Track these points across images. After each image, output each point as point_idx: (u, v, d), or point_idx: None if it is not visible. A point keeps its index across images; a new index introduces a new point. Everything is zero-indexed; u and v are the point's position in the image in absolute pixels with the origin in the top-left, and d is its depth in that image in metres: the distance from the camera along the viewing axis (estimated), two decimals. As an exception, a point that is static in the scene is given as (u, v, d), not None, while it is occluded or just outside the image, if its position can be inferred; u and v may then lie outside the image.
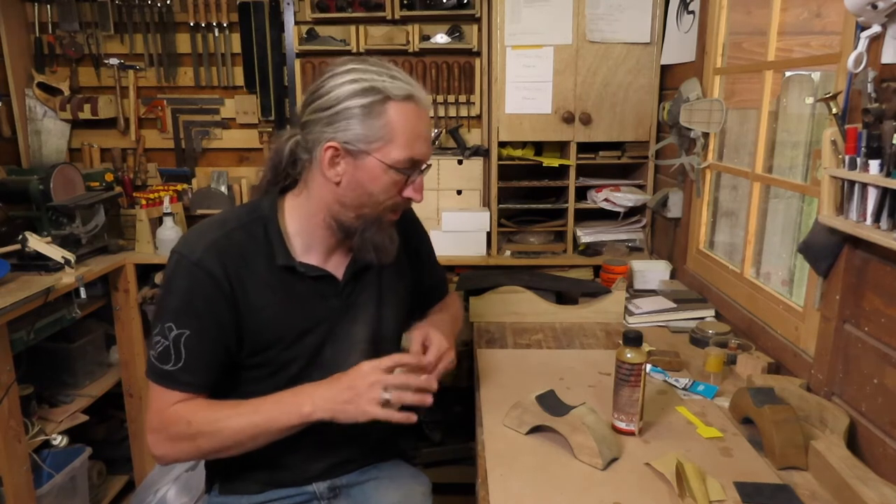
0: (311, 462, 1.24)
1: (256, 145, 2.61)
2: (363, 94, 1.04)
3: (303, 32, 2.46)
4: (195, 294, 1.07)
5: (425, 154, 1.11)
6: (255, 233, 1.13)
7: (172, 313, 1.07)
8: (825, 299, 1.23)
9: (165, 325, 1.06)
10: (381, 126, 1.04)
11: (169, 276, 1.10)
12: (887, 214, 0.98)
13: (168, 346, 1.06)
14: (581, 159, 2.25)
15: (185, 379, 1.07)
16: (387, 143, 1.05)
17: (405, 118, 1.06)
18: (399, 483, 1.30)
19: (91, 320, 2.31)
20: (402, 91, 1.05)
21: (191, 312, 1.07)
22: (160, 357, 1.07)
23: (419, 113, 1.08)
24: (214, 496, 1.27)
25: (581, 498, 0.98)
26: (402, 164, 1.07)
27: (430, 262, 1.43)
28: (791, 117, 1.80)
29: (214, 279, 1.07)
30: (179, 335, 1.05)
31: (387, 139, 1.05)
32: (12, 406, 1.71)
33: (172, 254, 1.10)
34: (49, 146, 2.59)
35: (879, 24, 1.03)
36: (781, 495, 0.98)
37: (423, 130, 1.10)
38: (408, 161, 1.08)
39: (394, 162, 1.06)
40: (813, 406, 1.16)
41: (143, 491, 1.79)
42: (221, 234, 1.10)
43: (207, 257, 1.07)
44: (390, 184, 1.08)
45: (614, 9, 2.13)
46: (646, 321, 1.75)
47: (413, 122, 1.07)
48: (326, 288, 1.18)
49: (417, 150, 1.08)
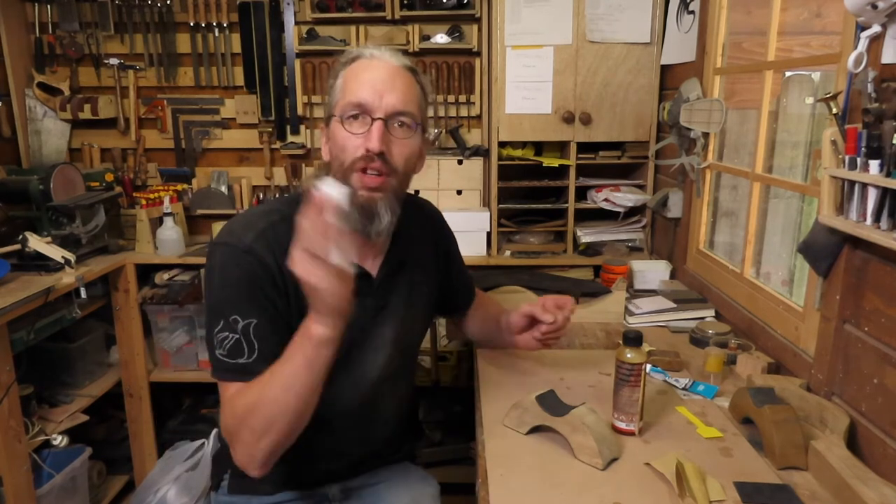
0: (324, 464, 1.24)
1: (256, 145, 2.61)
2: (334, 74, 1.12)
3: (303, 32, 2.46)
4: (252, 281, 1.03)
5: (370, 97, 1.05)
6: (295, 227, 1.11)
7: (234, 304, 1.01)
8: (825, 299, 1.23)
9: (230, 318, 1.01)
10: (336, 91, 1.10)
11: (219, 267, 1.05)
12: (887, 214, 0.98)
13: (239, 340, 1.01)
14: (581, 159, 2.25)
15: (260, 369, 1.00)
16: (339, 101, 1.08)
17: (353, 73, 1.09)
18: (409, 485, 1.31)
19: (91, 320, 2.31)
20: (354, 54, 1.11)
21: (254, 300, 1.02)
22: (231, 352, 1.01)
23: (367, 65, 1.09)
24: (222, 495, 1.26)
25: (581, 498, 0.98)
26: (348, 110, 1.06)
27: (458, 263, 1.43)
28: (791, 117, 1.80)
29: (266, 267, 1.04)
30: (248, 325, 1.01)
31: (339, 98, 1.09)
32: (12, 406, 1.71)
33: (216, 245, 1.06)
34: (49, 146, 2.58)
35: (879, 24, 1.03)
36: (781, 495, 0.98)
37: (369, 77, 1.07)
38: (350, 105, 1.06)
39: (341, 111, 1.07)
40: (813, 406, 1.16)
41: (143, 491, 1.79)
42: (267, 225, 1.07)
43: (258, 246, 1.04)
44: (346, 137, 1.06)
45: (614, 9, 2.13)
46: (646, 321, 1.75)
47: (359, 73, 1.09)
48: (363, 286, 1.14)
49: (360, 94, 1.06)
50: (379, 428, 1.26)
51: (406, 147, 1.09)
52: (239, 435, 0.98)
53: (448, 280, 1.37)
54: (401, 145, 1.08)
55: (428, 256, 1.30)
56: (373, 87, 1.06)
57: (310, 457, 1.21)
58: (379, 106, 1.05)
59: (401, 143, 1.08)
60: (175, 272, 2.35)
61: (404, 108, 1.07)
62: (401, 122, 1.07)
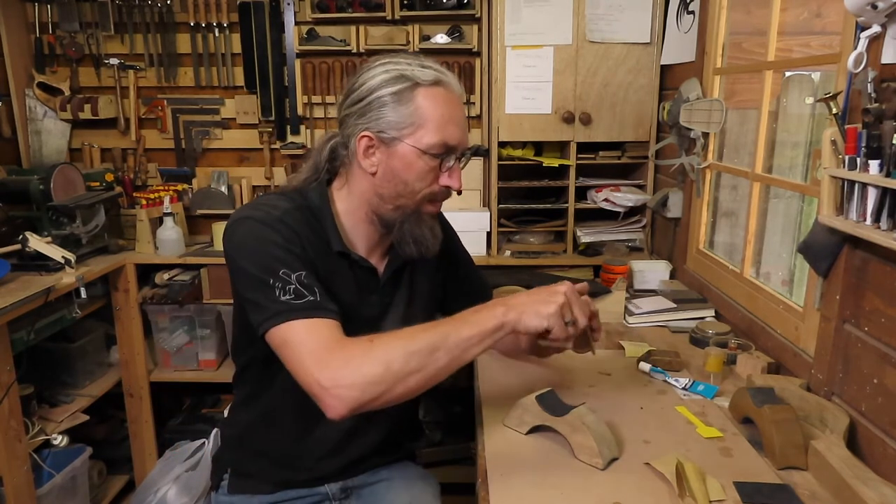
0: (324, 462, 1.24)
1: (257, 145, 2.61)
2: (392, 82, 1.05)
3: (303, 32, 2.46)
4: (292, 241, 1.04)
5: (459, 139, 1.08)
6: (307, 218, 1.11)
7: (280, 261, 1.01)
8: (825, 299, 1.23)
9: (280, 273, 0.99)
10: (411, 112, 1.05)
11: (253, 236, 1.04)
12: (887, 214, 0.98)
13: (297, 287, 0.99)
14: (581, 159, 2.25)
15: (331, 307, 0.99)
16: (418, 129, 1.05)
17: (434, 102, 1.06)
18: (409, 484, 1.31)
19: (91, 320, 2.31)
20: (431, 77, 1.06)
21: (297, 257, 1.03)
22: (297, 295, 0.98)
23: (449, 97, 1.08)
24: (222, 495, 1.26)
25: (581, 498, 0.98)
26: (435, 149, 1.06)
27: (466, 265, 1.41)
28: (791, 117, 1.80)
29: (297, 235, 1.06)
30: (300, 276, 1.00)
31: (418, 124, 1.05)
32: (13, 406, 1.71)
33: (241, 220, 1.06)
34: (49, 146, 2.59)
35: (879, 24, 1.03)
36: (781, 495, 0.98)
37: (455, 115, 1.08)
38: (440, 145, 1.06)
39: (426, 147, 1.06)
40: (813, 406, 1.16)
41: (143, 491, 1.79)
42: (287, 209, 1.09)
43: (291, 218, 1.07)
44: (425, 170, 1.08)
45: (614, 9, 2.14)
46: (646, 321, 1.75)
47: (443, 105, 1.07)
48: (370, 282, 1.18)
49: (449, 134, 1.07)
50: (378, 424, 1.27)
51: None
52: (350, 357, 0.92)
53: (455, 281, 1.37)
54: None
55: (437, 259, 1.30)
56: (460, 127, 1.09)
57: (308, 456, 1.22)
58: (462, 146, 1.10)
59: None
60: (175, 272, 2.35)
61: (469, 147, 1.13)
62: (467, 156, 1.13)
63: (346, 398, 0.91)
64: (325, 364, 0.92)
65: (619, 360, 1.51)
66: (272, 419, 1.22)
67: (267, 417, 1.23)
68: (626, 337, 1.65)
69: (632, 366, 1.47)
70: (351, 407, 0.91)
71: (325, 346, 0.94)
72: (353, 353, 0.93)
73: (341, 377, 0.91)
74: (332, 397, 0.91)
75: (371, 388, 0.91)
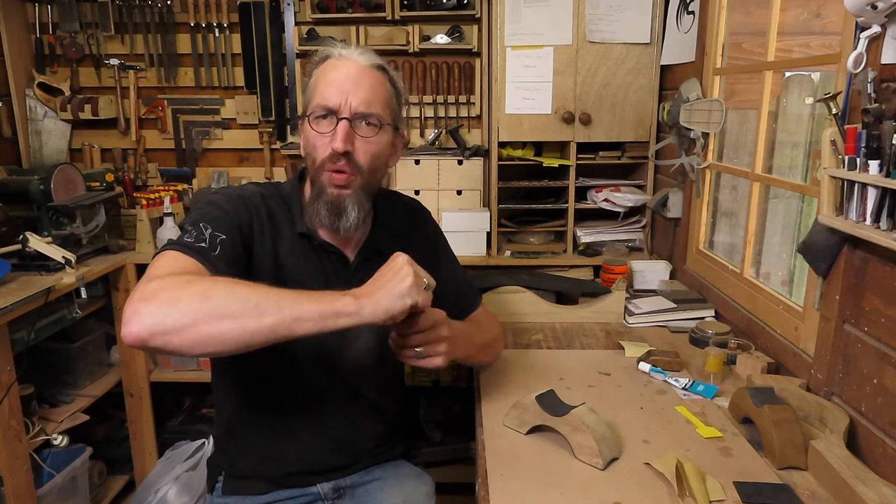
0: (316, 462, 1.24)
1: (257, 146, 2.61)
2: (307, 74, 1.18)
3: (303, 33, 2.46)
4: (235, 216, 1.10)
5: (335, 98, 1.09)
6: (280, 204, 1.19)
7: (210, 220, 1.06)
8: (825, 299, 1.23)
9: (200, 224, 1.04)
10: (308, 90, 1.15)
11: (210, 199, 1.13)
12: (887, 214, 0.98)
13: (204, 237, 1.02)
14: (581, 159, 2.25)
15: (212, 259, 0.99)
16: (309, 102, 1.13)
17: (322, 73, 1.13)
18: (403, 483, 1.30)
19: (91, 320, 2.31)
20: (322, 54, 1.15)
21: (228, 225, 1.07)
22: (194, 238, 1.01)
23: (336, 65, 1.13)
24: (217, 497, 1.27)
25: (581, 498, 0.98)
26: (315, 112, 1.11)
27: (451, 268, 1.39)
28: (791, 117, 1.80)
29: (251, 214, 1.12)
30: (216, 235, 1.04)
31: (309, 97, 1.14)
32: (13, 406, 1.71)
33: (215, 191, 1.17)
34: (50, 146, 2.59)
35: (879, 24, 1.03)
36: (781, 495, 0.98)
37: (335, 77, 1.11)
38: (316, 107, 1.11)
39: (311, 111, 1.12)
40: (813, 406, 1.17)
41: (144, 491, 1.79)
42: (262, 192, 1.19)
43: (252, 198, 1.15)
44: (313, 136, 1.12)
45: (614, 9, 2.14)
46: (646, 321, 1.75)
47: (327, 73, 1.12)
48: (340, 268, 1.20)
49: (324, 93, 1.11)
50: (367, 418, 1.27)
51: (372, 145, 1.13)
52: (161, 292, 0.86)
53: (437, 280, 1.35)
54: (367, 143, 1.12)
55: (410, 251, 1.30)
56: (339, 87, 1.10)
57: (300, 456, 1.22)
58: (344, 106, 1.10)
59: (366, 141, 1.12)
60: (175, 272, 2.35)
61: (369, 109, 1.11)
62: (367, 121, 1.12)
63: (146, 317, 0.84)
64: (146, 282, 0.88)
65: (619, 360, 1.51)
66: (250, 419, 1.23)
67: (245, 417, 1.24)
68: (626, 337, 1.66)
69: (632, 366, 1.47)
70: (148, 329, 0.83)
71: (165, 271, 0.92)
72: (177, 280, 0.88)
73: (152, 295, 0.85)
74: (132, 311, 0.84)
75: (174, 315, 0.84)
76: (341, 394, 1.23)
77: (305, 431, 1.22)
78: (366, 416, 1.27)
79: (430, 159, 2.35)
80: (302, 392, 1.21)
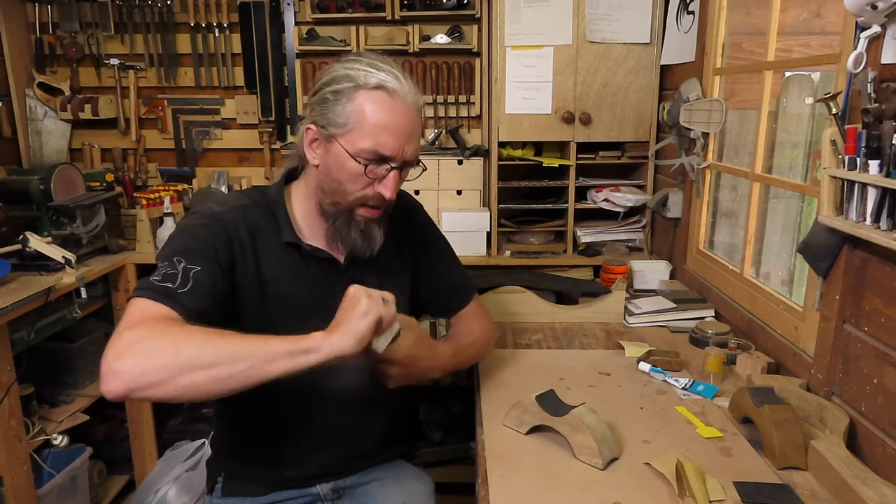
0: (315, 463, 1.24)
1: (257, 145, 2.61)
2: (339, 80, 1.07)
3: (303, 32, 2.46)
4: (212, 241, 1.07)
5: (393, 149, 1.07)
6: (265, 213, 1.16)
7: (184, 252, 1.03)
8: (825, 299, 1.23)
9: (174, 258, 1.02)
10: (348, 113, 1.06)
11: (186, 225, 1.11)
12: (887, 214, 0.98)
13: (176, 273, 1.00)
14: (581, 159, 2.25)
15: (185, 302, 0.97)
16: (352, 131, 1.06)
17: (373, 107, 1.06)
18: (402, 483, 1.30)
19: (92, 320, 2.31)
20: (374, 80, 1.06)
21: (204, 254, 1.04)
22: (163, 278, 0.99)
23: (391, 105, 1.06)
24: (216, 498, 1.27)
25: (581, 498, 0.98)
26: (365, 155, 1.07)
27: (444, 261, 1.39)
28: (791, 117, 1.80)
29: (230, 234, 1.10)
30: (190, 268, 1.01)
31: (352, 126, 1.06)
32: (13, 406, 1.71)
33: (193, 212, 1.13)
34: (50, 146, 2.59)
35: (879, 24, 1.03)
36: (781, 495, 0.98)
37: (393, 123, 1.06)
38: (370, 152, 1.06)
39: (356, 151, 1.06)
40: (813, 406, 1.17)
41: (144, 491, 1.80)
42: (240, 205, 1.15)
43: (231, 216, 1.11)
44: (356, 173, 1.08)
45: (614, 9, 2.14)
46: (646, 321, 1.75)
47: (381, 112, 1.06)
48: (331, 272, 1.19)
49: (382, 143, 1.06)
50: (366, 418, 1.27)
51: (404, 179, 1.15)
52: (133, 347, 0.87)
53: (429, 275, 1.35)
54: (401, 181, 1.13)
55: (401, 246, 1.30)
56: (396, 136, 1.07)
57: (299, 457, 1.22)
58: (399, 157, 1.08)
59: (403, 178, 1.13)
60: (175, 272, 2.35)
61: (416, 156, 1.12)
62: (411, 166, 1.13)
63: (123, 375, 0.85)
64: (119, 338, 0.89)
65: (619, 360, 1.51)
66: (249, 420, 1.23)
67: (244, 419, 1.23)
68: (626, 337, 1.66)
69: (632, 366, 1.47)
70: (126, 386, 0.86)
71: (134, 323, 0.91)
72: (148, 334, 0.88)
73: (126, 352, 0.86)
74: (107, 369, 0.86)
75: (151, 371, 0.85)
76: (340, 394, 1.23)
77: (304, 432, 1.22)
78: (365, 417, 1.27)
79: (430, 159, 2.35)
80: (301, 393, 1.21)
